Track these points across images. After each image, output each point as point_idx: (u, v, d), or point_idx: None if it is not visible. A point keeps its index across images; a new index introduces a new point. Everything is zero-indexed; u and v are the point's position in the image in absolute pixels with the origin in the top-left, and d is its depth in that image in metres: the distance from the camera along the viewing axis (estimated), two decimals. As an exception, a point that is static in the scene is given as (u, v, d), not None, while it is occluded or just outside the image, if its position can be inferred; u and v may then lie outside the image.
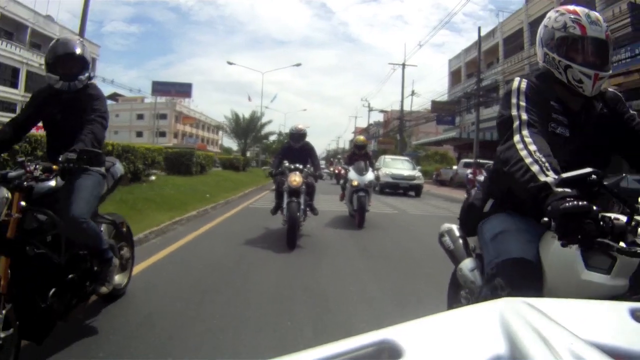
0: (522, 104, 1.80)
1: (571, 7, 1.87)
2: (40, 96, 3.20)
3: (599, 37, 1.80)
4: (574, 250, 1.57)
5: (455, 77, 36.84)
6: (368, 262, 5.41)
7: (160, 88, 51.97)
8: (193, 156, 15.87)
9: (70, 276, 2.80)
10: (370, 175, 8.48)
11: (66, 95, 3.05)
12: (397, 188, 17.56)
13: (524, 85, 1.87)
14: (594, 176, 1.41)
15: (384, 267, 5.11)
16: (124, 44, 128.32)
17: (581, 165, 1.61)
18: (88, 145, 2.70)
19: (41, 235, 2.64)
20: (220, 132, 62.84)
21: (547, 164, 1.52)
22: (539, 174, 1.48)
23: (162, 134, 56.28)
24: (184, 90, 54.50)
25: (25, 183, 2.51)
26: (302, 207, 6.25)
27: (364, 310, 3.56)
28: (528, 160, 1.56)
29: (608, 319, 0.74)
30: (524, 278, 1.80)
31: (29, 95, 14.35)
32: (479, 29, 26.03)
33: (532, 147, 1.61)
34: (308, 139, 7.39)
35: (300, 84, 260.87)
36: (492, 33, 30.43)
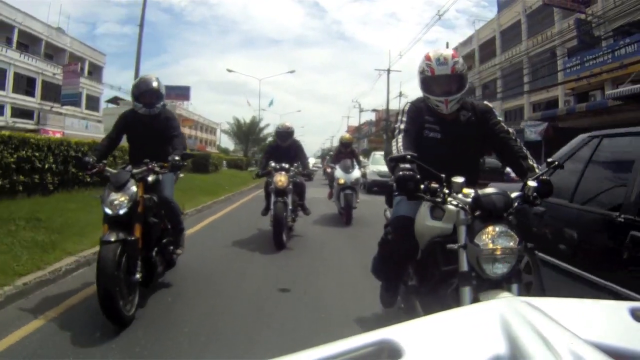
0: (404, 119, 2.54)
1: (429, 53, 2.54)
2: (126, 118, 4.07)
3: (445, 73, 2.45)
4: (426, 208, 2.31)
5: (438, 79, 39.44)
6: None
7: (160, 91, 54.28)
8: (210, 158, 18.85)
9: (164, 241, 3.82)
10: (356, 173, 8.42)
11: (147, 117, 3.92)
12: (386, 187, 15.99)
13: (407, 107, 2.63)
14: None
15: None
16: (117, 46, 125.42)
17: (454, 155, 2.43)
18: (182, 152, 3.78)
19: (151, 210, 3.59)
20: (218, 133, 65.28)
21: (403, 152, 2.17)
22: (395, 160, 2.14)
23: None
24: (183, 93, 56.53)
25: (144, 177, 3.48)
26: (289, 207, 6.07)
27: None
28: (395, 152, 2.25)
29: (608, 319, 0.74)
30: (402, 227, 2.53)
31: (45, 102, 18.75)
32: (447, 44, 28.58)
33: (400, 144, 2.33)
34: (303, 137, 8.39)
35: (295, 82, 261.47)
36: (469, 40, 32.84)
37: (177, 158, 3.58)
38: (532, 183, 2.10)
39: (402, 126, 2.47)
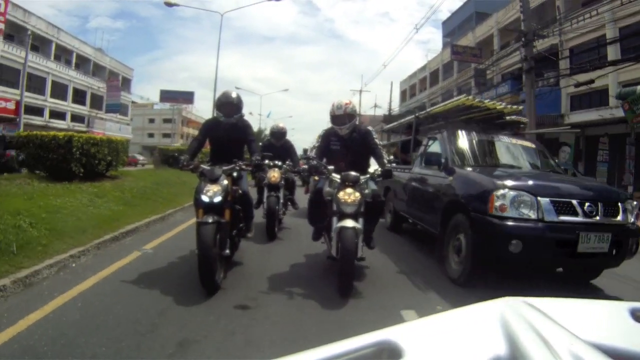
0: (320, 140, 5.76)
1: (334, 102, 4.61)
2: (209, 124, 5.06)
3: (340, 114, 4.53)
4: (326, 183, 4.46)
5: (403, 95, 49.76)
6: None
7: (167, 96, 63.31)
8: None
9: (241, 225, 4.71)
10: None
11: (226, 125, 4.77)
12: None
13: (323, 133, 5.60)
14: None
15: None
16: (109, 40, 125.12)
17: (347, 157, 4.57)
18: (260, 154, 4.89)
19: (236, 200, 4.43)
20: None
21: (316, 159, 4.63)
22: (308, 159, 5.40)
23: (169, 135, 68.32)
24: (188, 97, 65.45)
25: (231, 173, 4.33)
26: (281, 200, 6.74)
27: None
28: (312, 160, 4.70)
29: (608, 319, 0.75)
30: (318, 193, 4.61)
31: (94, 110, 42.70)
32: (391, 83, 37.81)
33: (313, 153, 7.43)
34: (294, 136, 11.05)
35: (286, 80, 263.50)
36: (424, 68, 42.91)
37: (259, 158, 4.68)
38: (372, 170, 4.48)
39: (317, 144, 7.23)
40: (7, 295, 3.60)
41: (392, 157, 8.62)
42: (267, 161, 6.42)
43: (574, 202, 4.00)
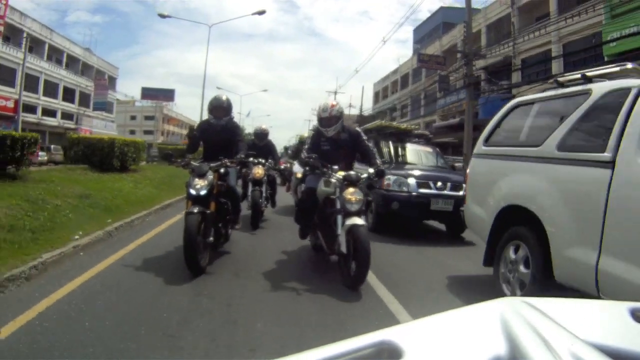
0: (309, 140, 5.31)
1: (320, 105, 5.16)
2: (202, 125, 5.65)
3: (326, 117, 4.96)
4: (322, 182, 4.67)
5: (376, 96, 53.56)
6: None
7: (148, 93, 65.44)
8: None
9: (227, 217, 5.25)
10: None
11: (217, 126, 5.32)
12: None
13: (311, 134, 5.69)
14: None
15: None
16: (87, 34, 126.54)
17: (336, 157, 4.91)
18: (246, 152, 5.40)
19: (222, 194, 4.99)
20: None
21: (308, 155, 4.82)
22: (306, 158, 4.80)
23: (150, 132, 70.65)
24: (168, 95, 67.63)
25: (218, 169, 4.83)
26: (264, 194, 7.59)
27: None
28: (304, 156, 4.97)
29: (608, 319, 0.77)
30: (308, 194, 4.97)
31: (83, 107, 48.48)
32: (363, 87, 41.24)
33: (305, 153, 4.94)
34: (272, 134, 9.17)
35: (265, 77, 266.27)
36: (395, 71, 46.59)
37: (242, 156, 5.21)
38: (371, 170, 4.75)
39: (306, 146, 5.21)
40: (122, 232, 6.88)
41: None
42: (251, 159, 7.42)
43: (430, 182, 7.49)
